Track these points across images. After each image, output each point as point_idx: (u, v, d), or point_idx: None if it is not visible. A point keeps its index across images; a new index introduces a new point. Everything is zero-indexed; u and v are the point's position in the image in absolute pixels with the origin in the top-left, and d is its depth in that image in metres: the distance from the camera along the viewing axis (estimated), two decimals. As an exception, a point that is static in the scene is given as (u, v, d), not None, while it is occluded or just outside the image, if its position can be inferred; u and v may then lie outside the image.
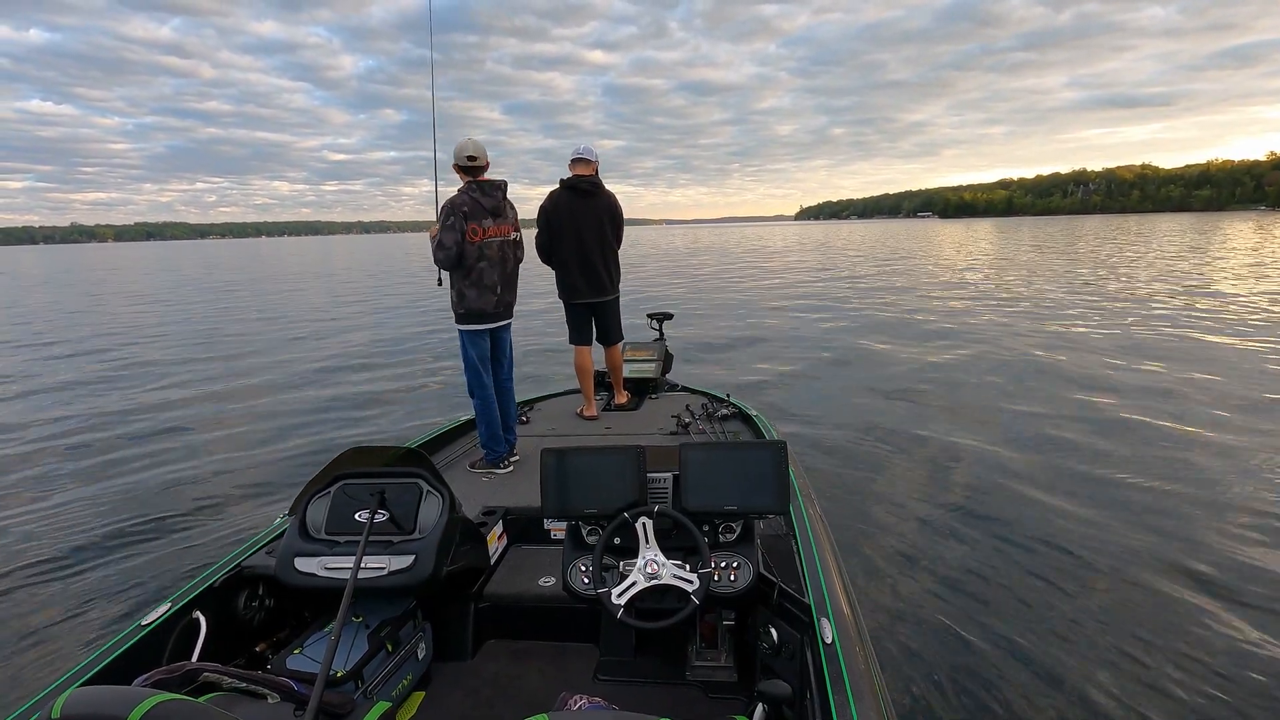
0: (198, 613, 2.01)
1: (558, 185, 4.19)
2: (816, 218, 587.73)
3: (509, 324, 3.73)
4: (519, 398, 4.49)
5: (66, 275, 42.06)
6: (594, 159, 4.20)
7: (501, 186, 3.55)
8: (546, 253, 4.30)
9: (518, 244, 3.70)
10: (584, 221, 4.17)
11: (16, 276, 41.22)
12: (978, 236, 55.09)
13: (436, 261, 3.49)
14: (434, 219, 3.48)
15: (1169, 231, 48.98)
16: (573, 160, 4.20)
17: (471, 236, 3.41)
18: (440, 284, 3.72)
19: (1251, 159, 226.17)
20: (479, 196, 3.43)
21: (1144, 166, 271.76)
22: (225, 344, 12.41)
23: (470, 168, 3.47)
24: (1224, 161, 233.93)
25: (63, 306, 20.75)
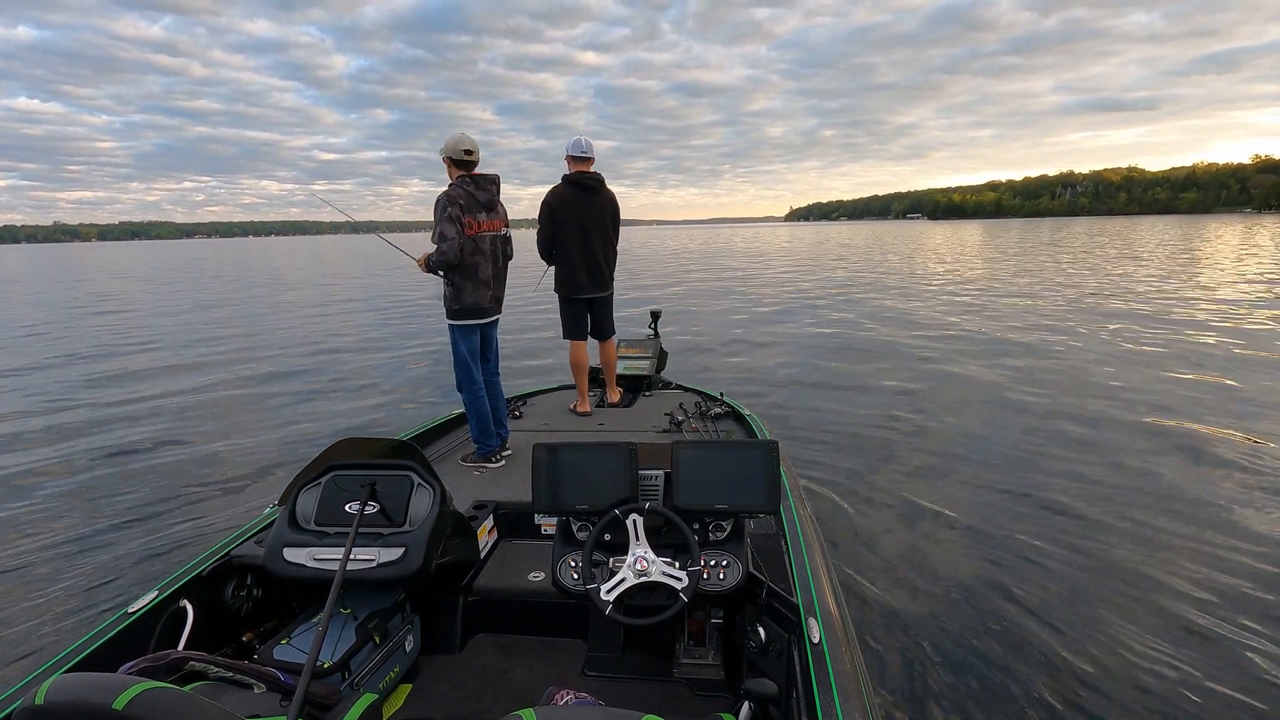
0: (185, 601, 2.00)
1: (560, 181, 4.16)
2: (806, 219, 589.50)
3: (498, 319, 3.71)
4: (512, 393, 4.48)
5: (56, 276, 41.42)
6: (593, 155, 4.19)
7: (495, 181, 3.50)
8: (548, 248, 4.24)
9: (508, 240, 3.66)
10: (589, 217, 4.15)
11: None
12: (969, 239, 55.40)
13: (439, 259, 3.30)
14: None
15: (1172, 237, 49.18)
16: (574, 156, 4.17)
17: (466, 230, 3.35)
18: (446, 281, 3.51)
19: (1236, 162, 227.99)
20: (473, 190, 3.38)
21: (1130, 169, 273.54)
22: (214, 335, 12.28)
23: (466, 161, 3.44)
24: (1209, 164, 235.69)
25: (54, 302, 20.50)
